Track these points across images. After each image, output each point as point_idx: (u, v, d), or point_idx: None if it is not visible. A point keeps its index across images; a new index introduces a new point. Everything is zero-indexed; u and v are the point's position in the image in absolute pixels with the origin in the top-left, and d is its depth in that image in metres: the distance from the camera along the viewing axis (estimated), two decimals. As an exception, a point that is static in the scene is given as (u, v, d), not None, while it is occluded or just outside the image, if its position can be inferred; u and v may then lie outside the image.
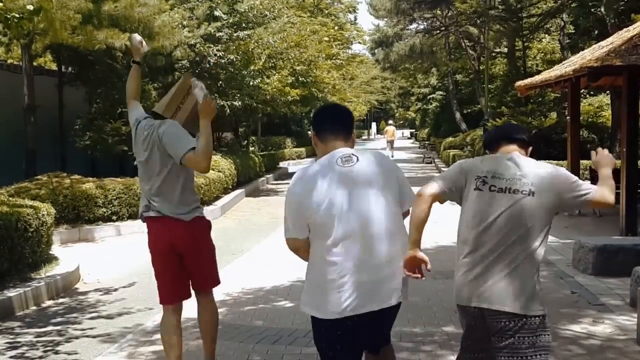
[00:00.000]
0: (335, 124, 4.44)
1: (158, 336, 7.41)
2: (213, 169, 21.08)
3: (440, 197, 4.37)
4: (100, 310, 9.10)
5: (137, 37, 6.27)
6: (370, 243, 4.13)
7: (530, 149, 4.57)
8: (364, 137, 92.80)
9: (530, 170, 4.22)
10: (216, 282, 6.22)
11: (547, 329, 4.17)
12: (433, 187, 4.35)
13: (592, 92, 29.85)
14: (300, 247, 4.30)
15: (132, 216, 15.87)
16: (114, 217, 15.62)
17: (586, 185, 4.33)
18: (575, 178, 4.28)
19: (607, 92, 26.92)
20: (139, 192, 15.49)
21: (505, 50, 38.17)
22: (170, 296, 5.96)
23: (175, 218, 5.73)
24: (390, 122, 55.66)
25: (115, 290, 10.25)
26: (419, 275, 4.26)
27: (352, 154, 4.25)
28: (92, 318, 8.70)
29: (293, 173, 4.98)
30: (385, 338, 4.64)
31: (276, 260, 11.59)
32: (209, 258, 6.14)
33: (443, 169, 31.87)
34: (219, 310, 7.67)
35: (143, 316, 8.70)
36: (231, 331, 7.65)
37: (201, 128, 5.44)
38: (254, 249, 13.26)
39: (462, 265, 4.27)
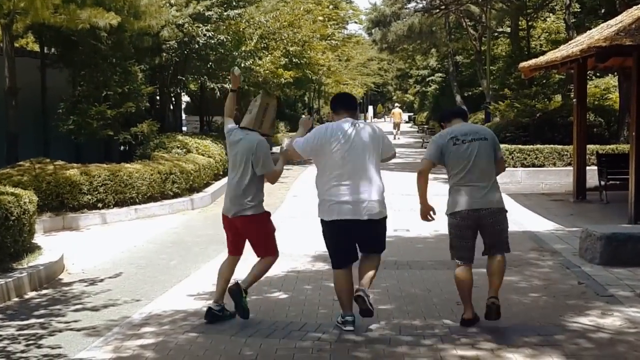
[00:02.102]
0: (345, 104, 7.64)
1: (145, 329, 7.44)
2: (203, 155, 21.03)
3: (431, 168, 7.60)
4: (85, 302, 9.04)
5: (237, 70, 8.33)
6: (357, 183, 7.11)
7: (467, 120, 8.08)
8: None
9: (479, 128, 7.99)
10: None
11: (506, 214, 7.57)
12: (425, 165, 7.60)
13: (598, 74, 29.76)
14: (294, 155, 7.74)
15: (119, 204, 15.82)
16: (100, 205, 15.49)
17: (501, 151, 7.77)
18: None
19: (615, 73, 26.84)
20: (126, 179, 15.62)
21: (508, 30, 38.05)
22: None
23: None
24: (397, 105, 55.96)
25: (101, 281, 10.18)
26: (432, 218, 7.59)
27: (354, 122, 7.34)
28: (76, 310, 8.63)
29: (286, 159, 8.23)
30: (371, 247, 7.42)
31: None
32: None
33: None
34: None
35: (129, 308, 8.64)
36: (222, 323, 7.59)
37: (281, 159, 7.97)
38: (246, 238, 13.18)
39: (458, 186, 7.40)
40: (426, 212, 7.53)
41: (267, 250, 7.80)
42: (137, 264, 11.31)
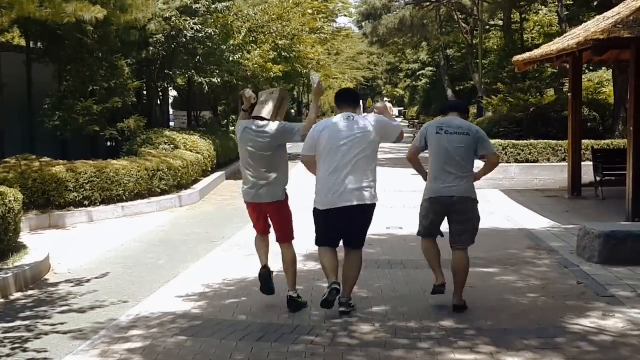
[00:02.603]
0: (344, 98, 8.14)
1: (133, 332, 7.29)
2: (191, 151, 20.85)
3: (417, 153, 8.41)
4: (71, 303, 8.85)
5: (248, 92, 8.42)
6: (345, 174, 7.60)
7: (467, 114, 8.97)
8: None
9: (467, 124, 8.28)
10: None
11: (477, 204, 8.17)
12: (411, 150, 8.48)
13: (591, 67, 29.66)
14: (310, 161, 7.96)
15: (105, 201, 15.65)
16: (86, 203, 15.30)
17: (490, 148, 8.34)
18: (487, 138, 8.30)
19: (609, 67, 26.75)
20: (112, 176, 15.44)
21: (500, 23, 37.95)
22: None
23: None
24: (387, 99, 55.91)
25: (88, 281, 9.99)
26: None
27: (351, 115, 7.86)
28: (62, 312, 8.45)
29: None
30: (355, 240, 7.91)
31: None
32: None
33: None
34: (198, 303, 7.64)
35: (117, 310, 8.47)
36: (212, 327, 7.45)
37: (314, 103, 8.52)
38: (235, 236, 12.94)
39: (434, 173, 8.06)
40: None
41: (287, 233, 8.40)
42: (124, 264, 11.12)
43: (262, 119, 8.16)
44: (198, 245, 12.34)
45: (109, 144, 21.47)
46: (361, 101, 10.57)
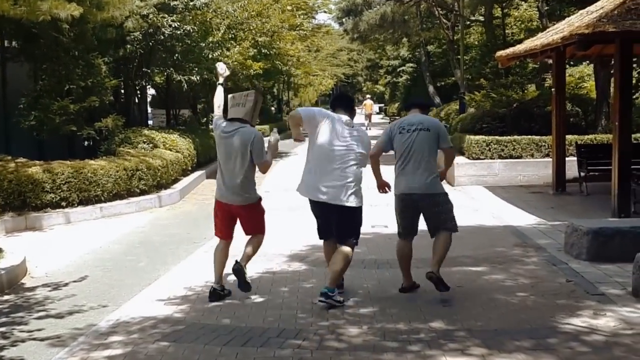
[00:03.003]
0: (342, 102, 8.77)
1: (113, 338, 7.13)
2: (170, 150, 20.64)
3: (380, 153, 8.70)
4: (48, 308, 8.67)
5: (220, 65, 9.41)
6: (332, 169, 8.09)
7: (428, 110, 9.36)
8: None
9: (426, 119, 8.64)
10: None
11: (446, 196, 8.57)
12: (375, 150, 8.65)
13: (572, 62, 29.62)
14: (298, 123, 8.49)
15: (83, 202, 15.43)
16: (63, 204, 15.08)
17: (448, 142, 8.66)
18: (446, 132, 8.68)
19: (589, 62, 26.72)
20: (90, 176, 15.24)
21: (481, 18, 37.90)
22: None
23: None
24: (368, 96, 56.40)
25: (65, 285, 9.80)
26: (388, 190, 8.68)
27: (347, 120, 8.39)
28: (40, 318, 8.27)
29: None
30: (341, 234, 8.25)
31: (243, 247, 11.25)
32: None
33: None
34: (180, 307, 7.79)
35: (96, 315, 8.29)
36: (195, 331, 7.28)
37: (270, 152, 8.82)
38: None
39: (399, 170, 8.46)
40: (381, 185, 8.72)
41: (259, 229, 8.76)
42: (103, 267, 10.93)
43: (242, 120, 8.58)
44: (179, 246, 12.18)
45: (86, 143, 21.17)
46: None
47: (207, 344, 6.85)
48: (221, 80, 9.28)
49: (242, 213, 8.62)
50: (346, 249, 8.16)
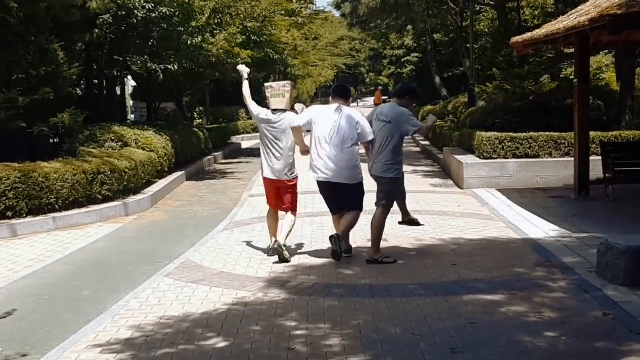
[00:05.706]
0: (339, 92, 11.05)
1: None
2: (143, 149, 19.32)
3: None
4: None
5: (240, 67, 11.70)
6: (333, 154, 10.33)
7: (406, 99, 10.92)
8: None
9: (391, 110, 10.61)
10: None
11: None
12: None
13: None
14: (299, 130, 10.57)
15: (33, 211, 14.09)
16: (9, 214, 13.71)
17: (416, 123, 10.67)
18: (412, 115, 10.72)
19: (609, 50, 25.59)
20: (41, 181, 13.93)
21: (492, 2, 36.72)
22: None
23: None
24: (380, 88, 56.70)
25: (-13, 321, 8.39)
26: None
27: (340, 107, 10.57)
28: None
29: (247, 150, 11.62)
30: (349, 205, 10.62)
31: (214, 269, 10.01)
32: None
33: (422, 142, 30.64)
34: (121, 356, 6.33)
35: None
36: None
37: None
38: (186, 254, 11.37)
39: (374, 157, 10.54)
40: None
41: (294, 206, 11.02)
42: (38, 296, 9.45)
43: (279, 110, 10.82)
44: (138, 267, 10.83)
45: (52, 141, 19.78)
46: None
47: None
48: (245, 75, 11.46)
49: (281, 187, 10.91)
50: (354, 211, 10.66)
